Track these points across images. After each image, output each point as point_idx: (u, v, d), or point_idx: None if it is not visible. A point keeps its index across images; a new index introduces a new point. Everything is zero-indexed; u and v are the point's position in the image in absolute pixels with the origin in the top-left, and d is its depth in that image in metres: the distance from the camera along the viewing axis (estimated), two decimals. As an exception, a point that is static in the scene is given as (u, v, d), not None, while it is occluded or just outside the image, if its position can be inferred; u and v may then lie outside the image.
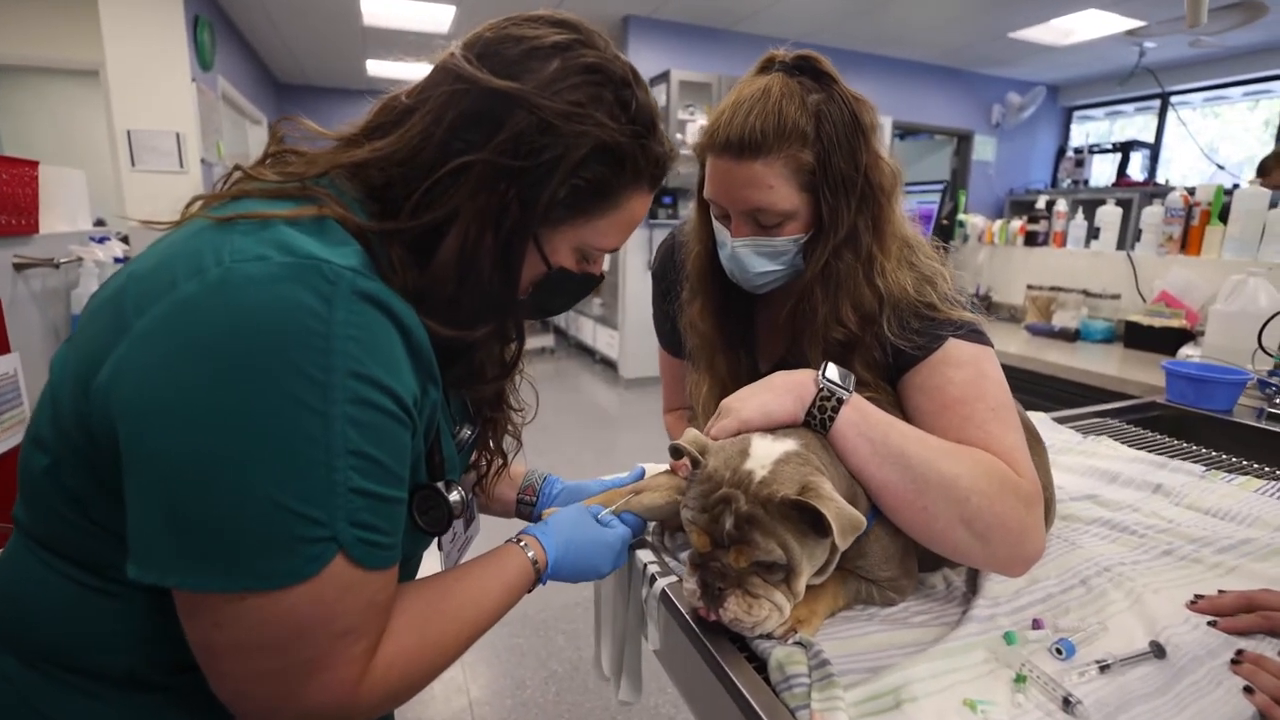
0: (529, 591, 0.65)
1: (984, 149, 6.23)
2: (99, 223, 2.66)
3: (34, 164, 1.76)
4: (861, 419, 0.66)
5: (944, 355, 0.73)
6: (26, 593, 0.51)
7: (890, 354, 0.76)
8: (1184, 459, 1.16)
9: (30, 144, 5.32)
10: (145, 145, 3.78)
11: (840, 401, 0.66)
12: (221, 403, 0.41)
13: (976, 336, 0.75)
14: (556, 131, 0.53)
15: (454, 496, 0.58)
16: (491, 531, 0.80)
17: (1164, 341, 2.17)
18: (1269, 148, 5.30)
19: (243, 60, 5.47)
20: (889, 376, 0.78)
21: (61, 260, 1.85)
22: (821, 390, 0.66)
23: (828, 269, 0.76)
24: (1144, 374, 1.89)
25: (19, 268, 1.68)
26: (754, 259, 0.79)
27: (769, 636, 0.61)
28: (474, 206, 0.53)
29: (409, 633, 0.52)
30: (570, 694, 1.87)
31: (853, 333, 0.76)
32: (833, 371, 0.68)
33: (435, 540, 0.67)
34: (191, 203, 0.54)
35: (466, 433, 0.69)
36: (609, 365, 5.78)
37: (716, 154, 0.75)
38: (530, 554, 0.65)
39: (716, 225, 0.82)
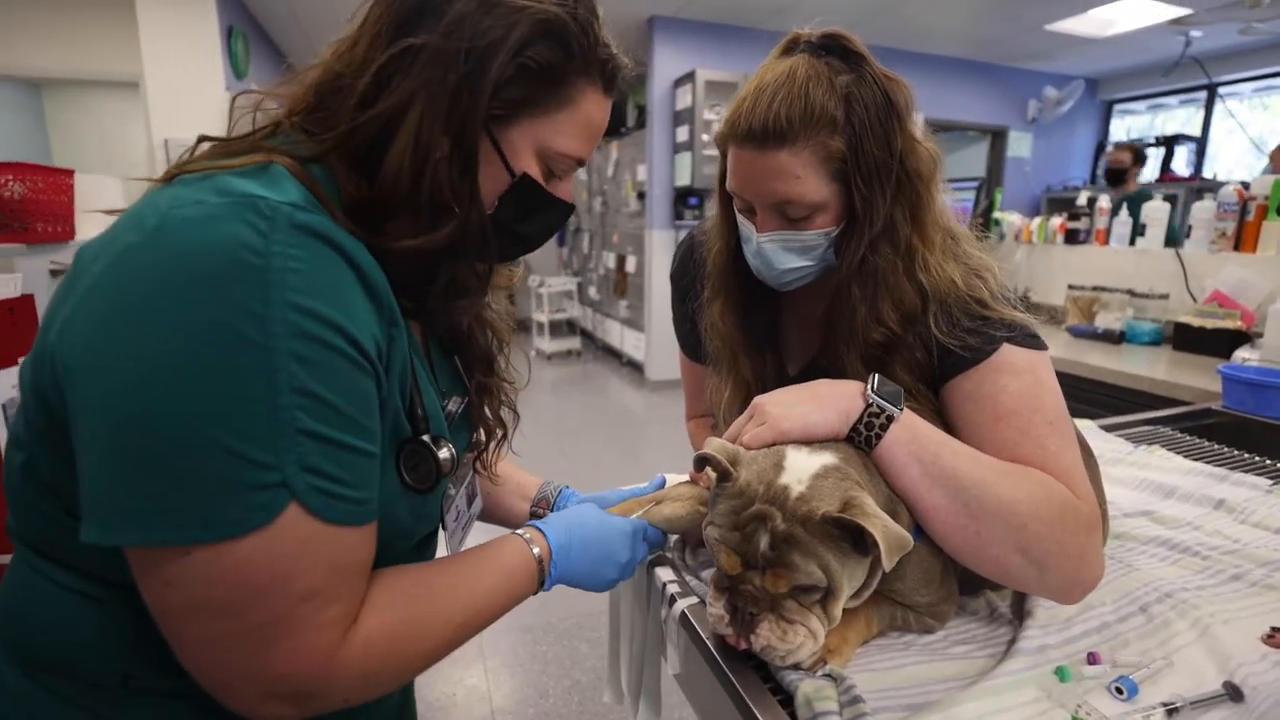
0: (536, 590, 0.61)
1: (1019, 145, 6.04)
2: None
3: (70, 173, 1.80)
4: (912, 438, 0.61)
5: (998, 361, 0.67)
6: (23, 599, 0.50)
7: (936, 355, 0.71)
8: (1246, 471, 1.08)
9: (76, 156, 5.51)
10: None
11: (890, 419, 0.61)
12: (156, 341, 0.39)
13: (1032, 341, 0.69)
14: (499, 11, 0.52)
15: (443, 453, 0.56)
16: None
17: (1217, 344, 2.05)
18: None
19: (275, 69, 5.58)
20: (931, 379, 0.73)
21: (95, 267, 1.88)
22: (870, 406, 0.62)
23: (864, 264, 0.70)
24: (1196, 378, 1.79)
25: (55, 274, 1.72)
26: (781, 254, 0.74)
27: (797, 667, 0.56)
28: (422, 93, 0.50)
29: (392, 608, 0.49)
30: (593, 705, 1.83)
31: (894, 333, 0.71)
32: (883, 385, 0.63)
33: (439, 521, 0.64)
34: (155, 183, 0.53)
35: (454, 404, 0.65)
36: (635, 368, 5.75)
37: (739, 144, 0.70)
38: (526, 536, 0.61)
39: (740, 219, 0.77)
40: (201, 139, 0.54)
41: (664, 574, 0.74)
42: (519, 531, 0.63)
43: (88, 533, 0.41)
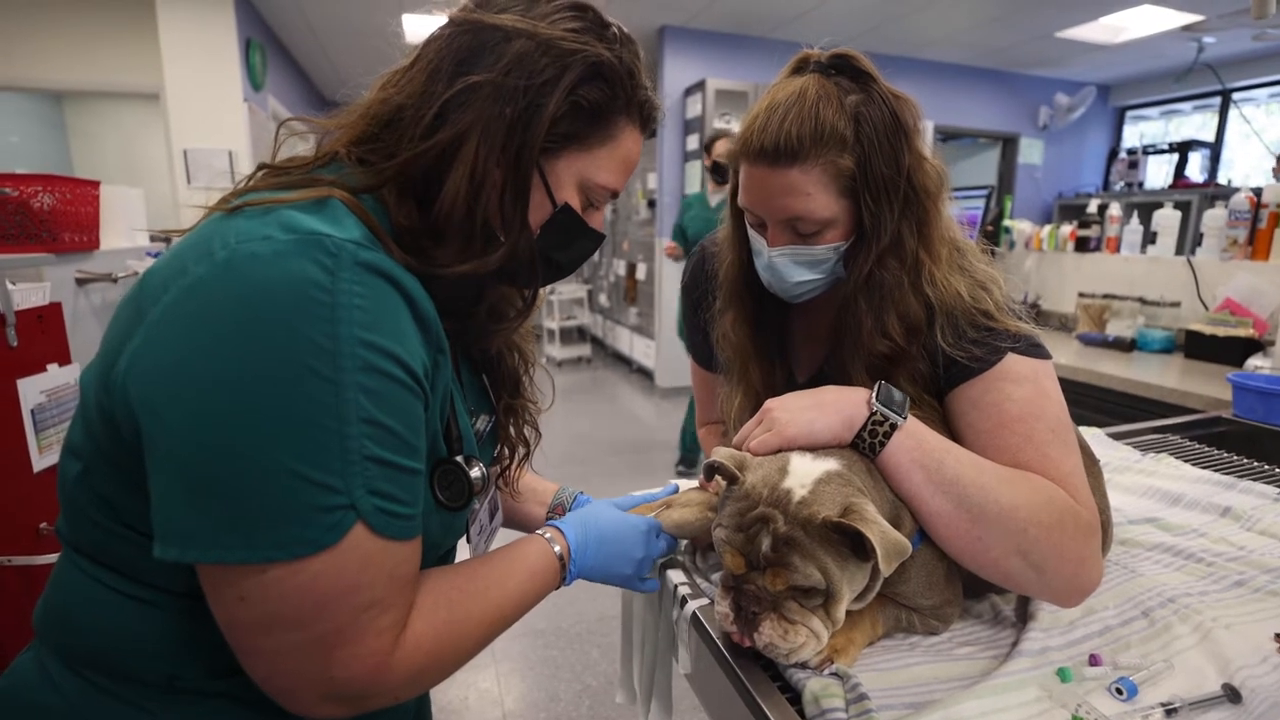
0: (559, 584, 0.64)
1: (1030, 152, 6.03)
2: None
3: (95, 184, 1.84)
4: (916, 445, 0.63)
5: (1003, 370, 0.69)
6: (71, 602, 0.52)
7: (942, 365, 0.73)
8: (1254, 479, 1.08)
9: (97, 166, 5.63)
10: (200, 163, 3.95)
11: (894, 426, 0.63)
12: (232, 374, 0.42)
13: (1036, 351, 0.71)
14: (555, 51, 0.55)
15: (475, 472, 0.58)
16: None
17: (1229, 352, 2.05)
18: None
19: (291, 79, 5.68)
20: (936, 389, 0.74)
21: (120, 275, 1.93)
22: (875, 414, 0.64)
23: (871, 278, 0.72)
24: (1207, 386, 1.79)
25: (81, 282, 1.76)
26: (792, 268, 0.76)
27: (804, 666, 0.58)
28: (480, 126, 0.53)
29: (436, 610, 0.52)
30: (604, 708, 1.85)
31: (898, 346, 0.72)
32: (887, 394, 0.65)
33: (464, 533, 0.66)
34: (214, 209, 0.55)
35: (483, 423, 0.68)
36: (645, 375, 5.77)
37: (751, 161, 0.73)
38: (547, 536, 0.65)
39: (752, 234, 0.79)
40: (260, 166, 0.57)
41: (675, 576, 0.76)
42: (540, 532, 0.66)
43: (164, 550, 0.43)
